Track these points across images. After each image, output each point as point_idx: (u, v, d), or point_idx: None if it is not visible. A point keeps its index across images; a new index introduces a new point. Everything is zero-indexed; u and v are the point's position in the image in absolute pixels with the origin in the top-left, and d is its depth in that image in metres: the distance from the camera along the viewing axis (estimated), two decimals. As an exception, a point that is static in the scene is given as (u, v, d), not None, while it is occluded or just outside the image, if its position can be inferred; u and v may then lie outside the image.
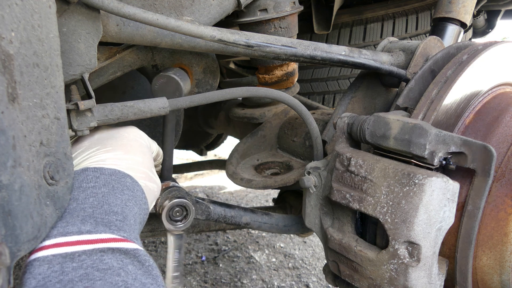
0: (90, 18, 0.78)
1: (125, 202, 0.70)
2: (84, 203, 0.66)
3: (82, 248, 0.59)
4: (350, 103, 1.14)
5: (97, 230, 0.62)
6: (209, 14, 0.99)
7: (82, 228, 0.61)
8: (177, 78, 0.99)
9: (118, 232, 0.63)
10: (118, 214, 0.67)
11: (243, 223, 1.14)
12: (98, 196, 0.67)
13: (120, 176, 0.73)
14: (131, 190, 0.73)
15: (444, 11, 1.31)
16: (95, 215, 0.64)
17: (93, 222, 0.63)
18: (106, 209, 0.66)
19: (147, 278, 0.60)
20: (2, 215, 0.50)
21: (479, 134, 0.84)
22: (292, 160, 1.28)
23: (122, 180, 0.73)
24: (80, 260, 0.57)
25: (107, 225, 0.63)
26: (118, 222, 0.65)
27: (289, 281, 2.43)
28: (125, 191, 0.72)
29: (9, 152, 0.52)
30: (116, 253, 0.60)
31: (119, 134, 0.83)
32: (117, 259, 0.59)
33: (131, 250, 0.62)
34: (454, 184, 0.73)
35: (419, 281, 0.75)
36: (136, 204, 0.73)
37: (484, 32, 2.43)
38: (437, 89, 0.87)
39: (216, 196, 3.71)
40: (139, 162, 0.80)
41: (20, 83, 0.56)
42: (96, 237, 0.61)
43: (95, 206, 0.66)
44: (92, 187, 0.68)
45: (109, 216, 0.65)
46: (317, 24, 1.82)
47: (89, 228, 0.62)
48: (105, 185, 0.70)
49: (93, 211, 0.65)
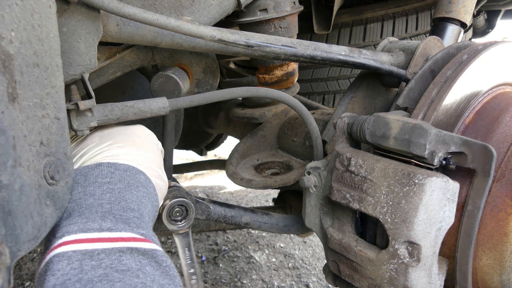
0: (90, 18, 0.78)
1: (140, 199, 0.70)
2: (101, 199, 0.65)
3: (102, 246, 0.58)
4: (350, 103, 1.13)
5: (117, 228, 0.61)
6: (209, 14, 0.99)
7: (103, 225, 0.61)
8: (176, 77, 0.99)
9: (137, 230, 0.63)
10: (135, 211, 0.66)
11: (243, 223, 1.14)
12: (115, 192, 0.67)
13: (134, 172, 0.73)
14: (145, 187, 0.73)
15: (444, 11, 1.31)
16: (114, 212, 0.64)
17: (112, 219, 0.63)
18: (124, 206, 0.66)
19: (165, 279, 0.60)
20: (2, 215, 0.50)
21: (479, 134, 0.84)
22: (292, 160, 1.28)
23: (137, 176, 0.73)
24: (99, 258, 0.57)
25: (126, 222, 0.63)
26: (136, 219, 0.65)
27: (289, 281, 2.43)
28: (140, 187, 0.72)
29: (9, 152, 0.52)
30: (134, 253, 0.59)
31: (130, 131, 0.83)
32: (135, 260, 0.59)
33: (149, 251, 0.61)
34: (454, 184, 0.73)
35: (419, 281, 0.75)
36: (149, 201, 0.73)
37: (484, 32, 2.43)
38: (437, 89, 0.87)
39: (216, 196, 3.71)
40: (150, 159, 0.80)
41: (20, 83, 0.56)
42: (116, 235, 0.60)
43: (113, 202, 0.65)
44: (107, 183, 0.68)
45: (127, 213, 0.65)
46: (317, 24, 1.82)
47: (109, 225, 0.61)
48: (121, 181, 0.69)
49: (111, 207, 0.64)
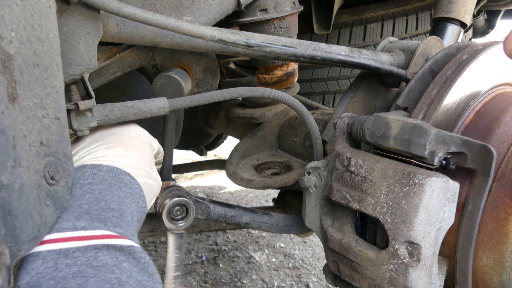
0: (90, 18, 0.78)
1: (122, 199, 0.69)
2: (80, 200, 0.65)
3: (77, 244, 0.58)
4: (350, 103, 1.13)
5: (91, 227, 0.61)
6: (209, 14, 0.99)
7: (77, 224, 0.61)
8: (178, 78, 0.99)
9: (114, 229, 0.63)
10: (114, 211, 0.66)
11: (243, 223, 1.14)
12: (95, 192, 0.67)
13: (118, 173, 0.73)
14: (129, 187, 0.73)
15: (444, 11, 1.31)
16: (91, 212, 0.64)
17: (88, 218, 0.62)
18: (103, 206, 0.66)
19: (143, 275, 0.60)
20: (2, 215, 0.50)
21: (479, 134, 0.84)
22: (292, 160, 1.28)
23: (120, 177, 0.73)
24: (74, 256, 0.57)
25: (103, 221, 0.63)
26: (115, 219, 0.65)
27: (289, 281, 2.43)
28: (123, 188, 0.71)
29: (9, 152, 0.52)
30: (111, 250, 0.59)
31: (121, 131, 0.83)
32: (111, 256, 0.58)
33: (126, 247, 0.61)
34: (454, 184, 0.73)
35: (419, 281, 0.75)
36: (133, 201, 0.72)
37: (484, 32, 2.43)
38: (437, 89, 0.87)
39: (216, 196, 3.71)
40: (139, 159, 0.79)
41: (20, 83, 0.56)
42: (90, 234, 0.60)
43: (91, 202, 0.65)
44: (89, 184, 0.68)
45: (105, 213, 0.65)
46: (317, 24, 1.82)
47: (84, 224, 0.61)
48: (102, 182, 0.69)
49: (89, 207, 0.64)
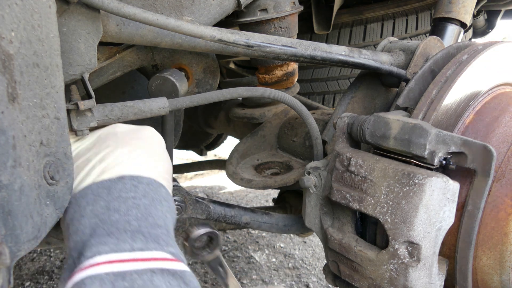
0: (90, 18, 0.78)
1: (164, 214, 0.68)
2: (127, 215, 0.64)
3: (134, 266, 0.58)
4: (350, 103, 1.13)
5: (148, 247, 0.61)
6: (209, 14, 0.99)
7: (134, 245, 0.60)
8: (173, 79, 0.99)
9: (167, 248, 0.62)
10: (162, 228, 0.65)
11: (243, 223, 1.14)
12: (141, 208, 0.66)
13: (156, 186, 0.71)
14: (167, 201, 0.71)
15: (444, 11, 1.31)
16: (142, 230, 0.63)
17: (142, 238, 0.62)
18: (151, 222, 0.64)
19: None
20: (2, 215, 0.50)
21: (479, 134, 0.84)
22: (292, 160, 1.28)
23: (159, 190, 0.71)
24: (131, 279, 0.56)
25: (156, 240, 0.62)
26: (165, 237, 0.64)
27: (289, 281, 2.43)
28: (163, 202, 0.70)
29: (9, 152, 0.52)
30: (165, 274, 0.59)
31: (143, 134, 0.80)
32: (165, 281, 0.58)
33: (179, 272, 0.61)
34: (454, 184, 0.73)
35: (419, 281, 0.75)
36: (172, 215, 0.71)
37: (484, 32, 2.43)
38: (437, 89, 0.87)
39: (216, 196, 3.70)
40: (166, 168, 0.78)
41: (20, 83, 0.56)
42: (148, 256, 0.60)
43: (140, 218, 0.64)
44: (132, 198, 0.66)
45: (155, 230, 0.64)
46: (317, 24, 1.82)
47: (140, 245, 0.61)
48: (145, 196, 0.68)
49: (138, 224, 0.63)
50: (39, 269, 2.50)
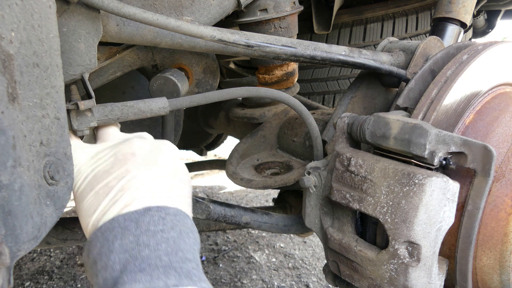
0: (90, 18, 0.78)
1: (192, 246, 0.67)
2: (157, 250, 0.62)
3: None
4: (350, 103, 1.14)
5: (182, 283, 0.59)
6: (209, 14, 0.99)
7: (168, 282, 0.59)
8: (174, 79, 0.99)
9: (199, 283, 0.61)
10: (192, 261, 0.64)
11: (243, 223, 1.14)
12: (170, 241, 0.64)
13: (183, 217, 0.69)
14: (193, 233, 0.70)
15: (444, 11, 1.31)
16: (174, 265, 0.61)
17: (175, 274, 0.60)
18: (182, 257, 0.63)
19: None
20: (2, 215, 0.50)
21: (479, 134, 0.84)
22: (292, 160, 1.28)
23: (185, 221, 0.69)
24: None
25: (189, 276, 0.61)
26: (195, 271, 0.63)
27: (289, 281, 2.43)
28: (190, 234, 0.69)
29: (9, 152, 0.52)
30: None
31: (163, 155, 0.76)
32: None
33: None
34: (454, 184, 0.73)
35: (419, 281, 0.75)
36: (198, 247, 0.70)
37: (484, 32, 2.43)
38: (437, 89, 0.87)
39: (216, 196, 3.71)
40: (188, 192, 0.75)
41: (20, 83, 0.56)
42: None
43: (170, 253, 0.63)
44: (161, 231, 0.65)
45: (186, 265, 0.63)
46: (317, 24, 1.82)
47: (174, 282, 0.59)
48: (173, 228, 0.66)
49: (169, 259, 0.62)
50: (39, 269, 2.50)
